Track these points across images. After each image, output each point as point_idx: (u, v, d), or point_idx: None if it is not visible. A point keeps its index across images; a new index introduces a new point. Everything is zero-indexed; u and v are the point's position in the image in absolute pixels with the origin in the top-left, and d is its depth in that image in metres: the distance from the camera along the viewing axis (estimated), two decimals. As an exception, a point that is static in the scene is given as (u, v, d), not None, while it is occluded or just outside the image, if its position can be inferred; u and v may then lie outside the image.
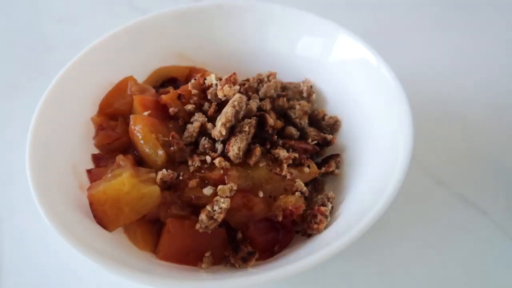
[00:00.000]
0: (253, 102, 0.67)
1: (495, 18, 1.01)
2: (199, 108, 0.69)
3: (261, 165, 0.62)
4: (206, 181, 0.61)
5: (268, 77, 0.74)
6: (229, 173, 0.60)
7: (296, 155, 0.64)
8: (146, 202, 0.59)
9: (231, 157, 0.61)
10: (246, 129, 0.62)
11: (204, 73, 0.73)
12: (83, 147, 0.68)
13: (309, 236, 0.60)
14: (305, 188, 0.62)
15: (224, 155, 0.62)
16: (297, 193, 0.61)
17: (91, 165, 0.68)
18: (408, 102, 0.60)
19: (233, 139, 0.61)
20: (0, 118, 0.86)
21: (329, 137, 0.70)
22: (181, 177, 0.61)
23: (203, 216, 0.56)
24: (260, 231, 0.59)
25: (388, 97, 0.63)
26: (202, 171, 0.61)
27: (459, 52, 0.94)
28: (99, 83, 0.72)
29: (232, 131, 0.63)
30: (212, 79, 0.68)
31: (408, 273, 0.63)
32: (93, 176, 0.64)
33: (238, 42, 0.80)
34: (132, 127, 0.65)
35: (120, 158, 0.63)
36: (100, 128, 0.69)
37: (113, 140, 0.68)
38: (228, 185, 0.58)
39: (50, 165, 0.61)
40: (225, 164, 0.60)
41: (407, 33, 0.99)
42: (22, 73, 0.95)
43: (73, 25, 1.06)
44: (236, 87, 0.65)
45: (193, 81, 0.70)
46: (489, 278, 0.62)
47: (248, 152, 0.62)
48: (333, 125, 0.72)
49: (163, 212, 0.60)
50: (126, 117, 0.69)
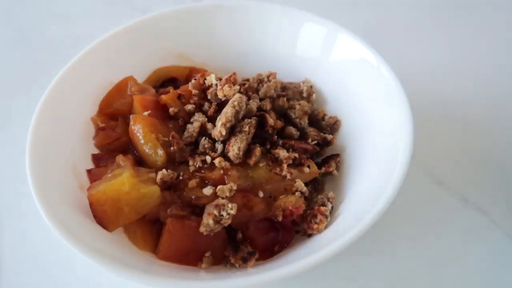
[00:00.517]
0: (253, 102, 0.67)
1: (495, 18, 1.01)
2: (199, 108, 0.69)
3: (261, 165, 0.62)
4: (206, 181, 0.61)
5: (268, 77, 0.74)
6: (229, 173, 0.60)
7: (296, 155, 0.64)
8: (146, 202, 0.59)
9: (231, 157, 0.61)
10: (246, 129, 0.62)
11: (204, 73, 0.73)
12: (83, 147, 0.68)
13: (309, 236, 0.60)
14: (305, 188, 0.62)
15: (224, 155, 0.62)
16: (297, 193, 0.61)
17: (91, 165, 0.68)
18: (408, 102, 0.60)
19: (233, 139, 0.61)
20: (0, 118, 0.86)
21: (329, 137, 0.70)
22: (181, 177, 0.61)
23: (210, 221, 0.55)
24: (260, 231, 0.59)
25: (388, 97, 0.63)
26: (202, 171, 0.61)
27: (459, 52, 0.94)
28: (99, 83, 0.72)
29: (232, 131, 0.63)
30: (212, 79, 0.68)
31: (408, 273, 0.63)
32: (93, 176, 0.64)
33: (238, 42, 0.80)
34: (132, 127, 0.65)
35: (120, 158, 0.63)
36: (100, 128, 0.69)
37: (113, 140, 0.68)
38: (228, 185, 0.58)
39: (50, 165, 0.61)
40: (225, 164, 0.60)
41: (407, 33, 0.99)
42: (22, 73, 0.95)
43: (73, 25, 1.06)
44: (236, 87, 0.65)
45: (193, 81, 0.70)
46: (489, 278, 0.62)
47: (248, 152, 0.62)
48: (333, 125, 0.72)
49: (163, 212, 0.60)
50: (126, 117, 0.69)
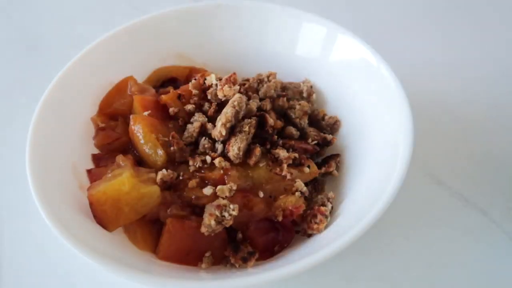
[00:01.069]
0: (253, 102, 0.67)
1: (495, 18, 1.01)
2: (199, 108, 0.69)
3: (261, 165, 0.62)
4: (206, 181, 0.61)
5: (268, 77, 0.74)
6: (229, 173, 0.60)
7: (296, 155, 0.64)
8: (146, 202, 0.59)
9: (231, 157, 0.61)
10: (246, 129, 0.62)
11: (204, 73, 0.73)
12: (83, 147, 0.68)
13: (309, 236, 0.60)
14: (305, 188, 0.62)
15: (224, 155, 0.62)
16: (297, 193, 0.61)
17: (91, 165, 0.68)
18: (408, 102, 0.60)
19: (233, 139, 0.61)
20: (0, 118, 0.86)
21: (329, 137, 0.70)
22: (181, 177, 0.61)
23: (212, 221, 0.55)
24: (260, 231, 0.59)
25: (388, 97, 0.63)
26: (202, 171, 0.61)
27: (459, 52, 0.94)
28: (99, 83, 0.72)
29: (232, 131, 0.63)
30: (212, 79, 0.68)
31: (408, 273, 0.63)
32: (93, 176, 0.64)
33: (238, 42, 0.80)
34: (132, 127, 0.65)
35: (120, 158, 0.63)
36: (100, 128, 0.69)
37: (113, 140, 0.68)
38: (228, 185, 0.58)
39: (50, 165, 0.61)
40: (225, 164, 0.60)
41: (407, 33, 0.99)
42: (22, 73, 0.95)
43: (73, 25, 1.06)
44: (236, 87, 0.65)
45: (193, 81, 0.70)
46: (489, 278, 0.62)
47: (248, 152, 0.62)
48: (333, 125, 0.72)
49: (163, 212, 0.60)
50: (126, 117, 0.69)
